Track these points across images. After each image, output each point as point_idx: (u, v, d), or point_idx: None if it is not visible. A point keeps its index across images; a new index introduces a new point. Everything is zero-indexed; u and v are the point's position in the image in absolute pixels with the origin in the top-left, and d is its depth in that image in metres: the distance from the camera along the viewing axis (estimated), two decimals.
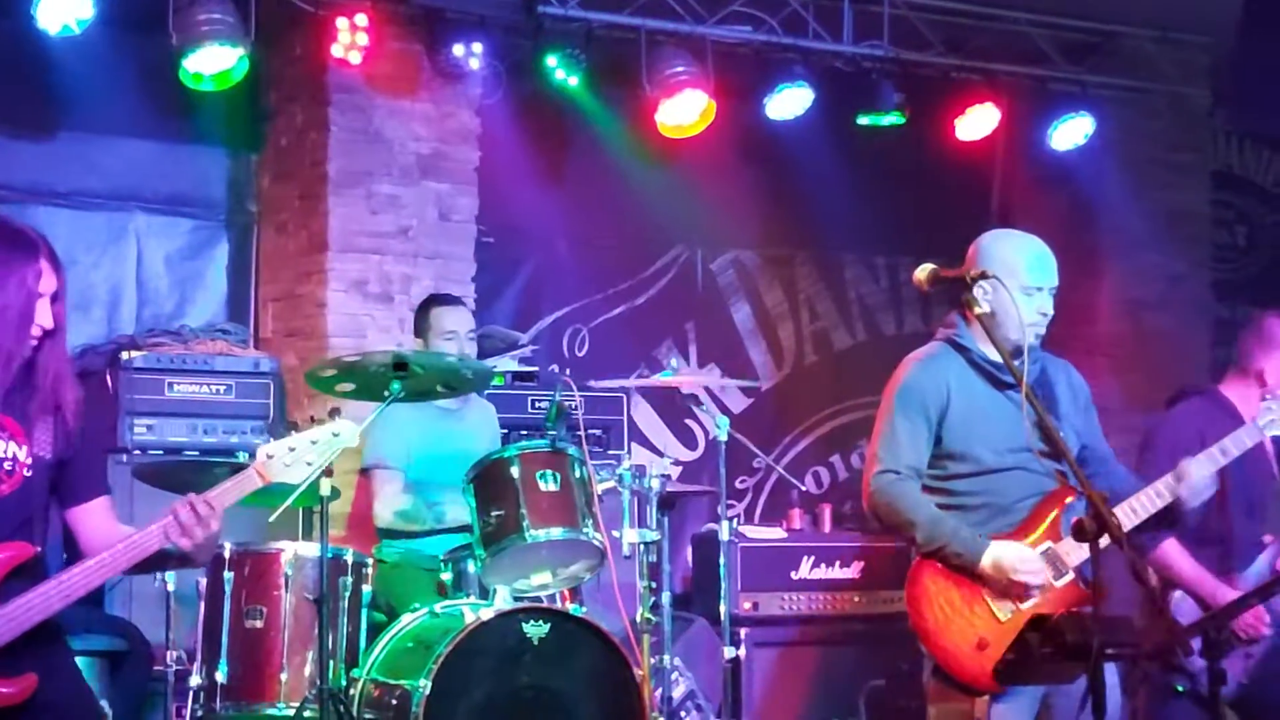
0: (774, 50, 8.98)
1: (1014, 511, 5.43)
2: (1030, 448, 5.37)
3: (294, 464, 5.33)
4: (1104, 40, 9.78)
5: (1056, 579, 5.33)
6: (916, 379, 5.53)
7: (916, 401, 5.48)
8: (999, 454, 5.45)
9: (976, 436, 5.46)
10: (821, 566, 8.25)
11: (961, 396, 5.48)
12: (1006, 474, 5.45)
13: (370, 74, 8.33)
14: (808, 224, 9.96)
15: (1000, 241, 5.60)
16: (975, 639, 5.29)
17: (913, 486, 5.45)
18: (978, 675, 5.28)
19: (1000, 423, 5.45)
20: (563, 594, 6.74)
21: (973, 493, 5.47)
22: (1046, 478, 5.43)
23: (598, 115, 8.89)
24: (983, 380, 5.51)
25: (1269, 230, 11.17)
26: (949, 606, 5.35)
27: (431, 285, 8.36)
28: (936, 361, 5.56)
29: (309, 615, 6.32)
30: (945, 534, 5.35)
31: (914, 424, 5.47)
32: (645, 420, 9.52)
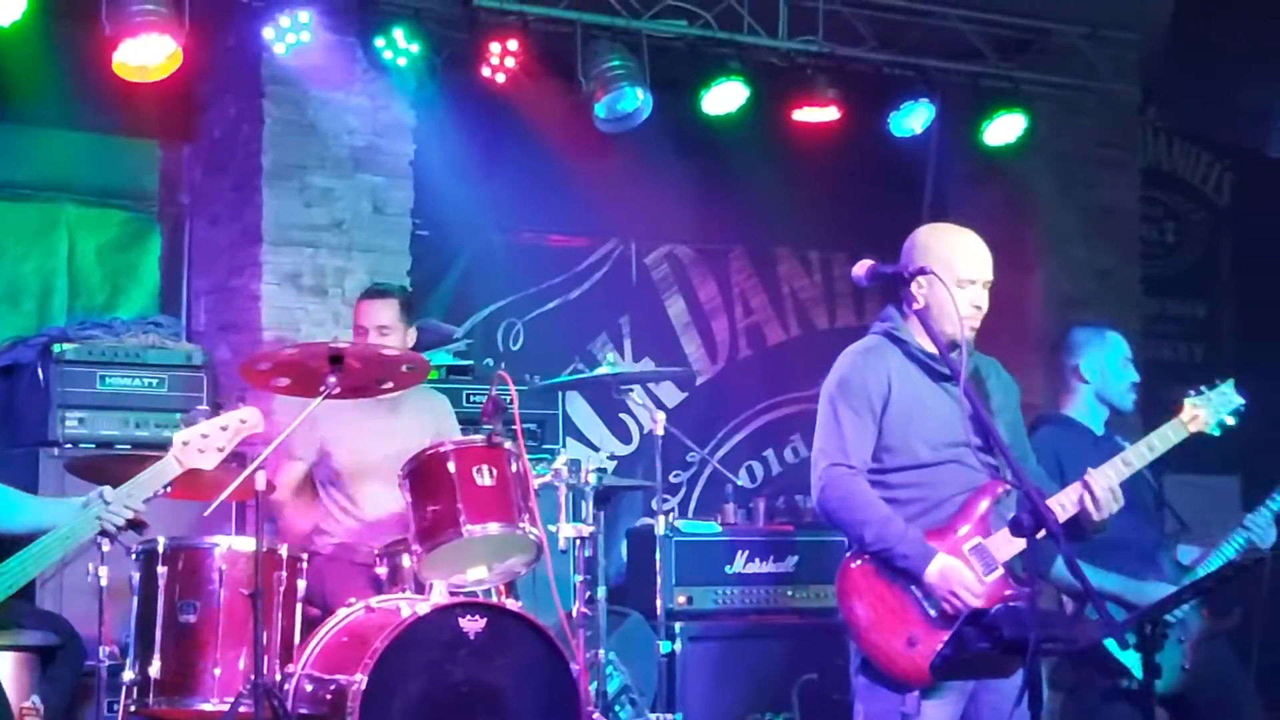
0: (709, 45, 8.98)
1: (946, 506, 5.44)
2: (967, 442, 5.38)
3: (207, 449, 5.68)
4: (1036, 37, 9.84)
5: (986, 574, 5.33)
6: (858, 371, 5.52)
7: (860, 394, 5.47)
8: (935, 448, 5.45)
9: (914, 430, 5.46)
10: (756, 561, 8.26)
11: (901, 389, 5.48)
12: (942, 468, 5.46)
13: (304, 66, 8.27)
14: (742, 218, 9.98)
15: (936, 235, 5.63)
16: (905, 635, 5.31)
17: (864, 484, 5.44)
18: (908, 671, 5.30)
19: (937, 416, 5.46)
20: (499, 588, 6.74)
21: (907, 486, 5.47)
22: (979, 472, 5.44)
23: (533, 108, 8.87)
24: (920, 373, 5.51)
25: (1197, 227, 11.27)
26: (880, 602, 5.36)
27: (366, 279, 8.33)
28: (876, 354, 5.56)
29: (243, 610, 6.27)
30: (895, 537, 5.34)
31: (859, 417, 5.46)
32: (580, 414, 9.52)
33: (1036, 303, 10.22)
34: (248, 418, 5.88)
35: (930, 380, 5.51)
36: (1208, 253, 11.31)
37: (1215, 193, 11.30)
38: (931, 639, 5.27)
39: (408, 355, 6.82)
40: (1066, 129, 10.06)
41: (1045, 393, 9.82)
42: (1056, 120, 9.94)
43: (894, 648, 5.32)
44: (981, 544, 5.37)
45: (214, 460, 5.81)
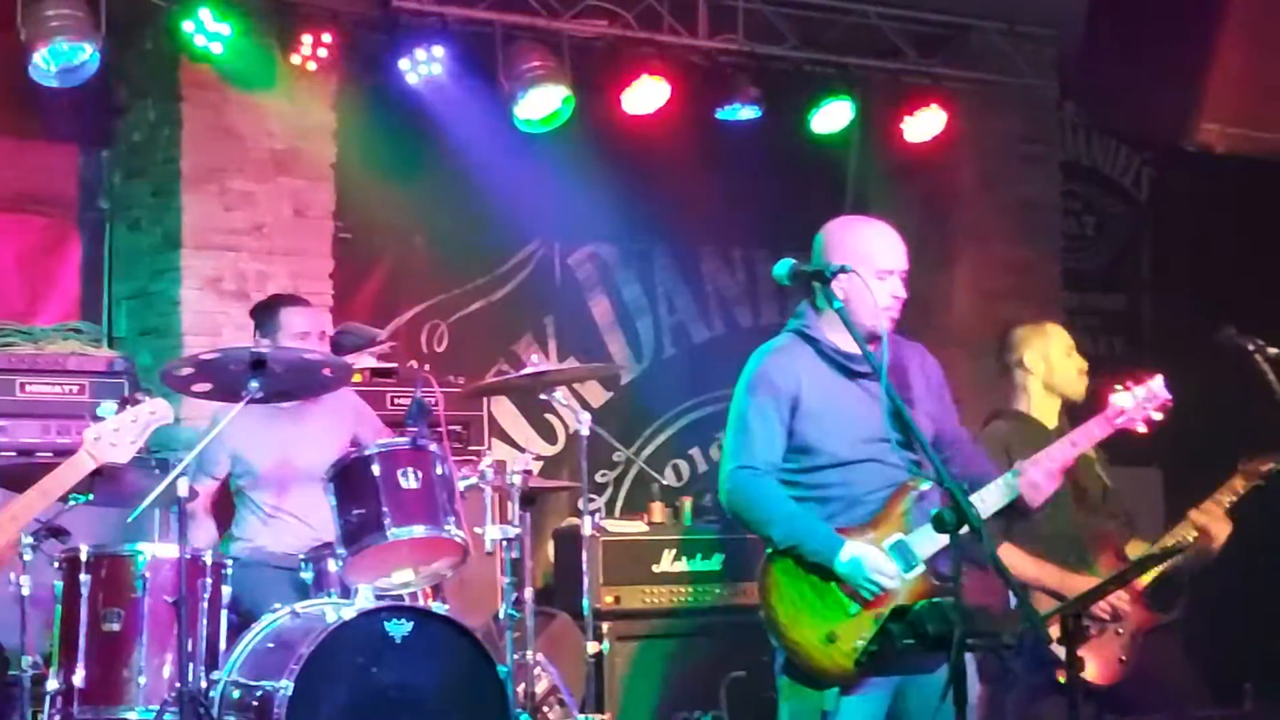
0: (630, 44, 9.00)
1: (866, 503, 5.43)
2: (886, 438, 5.39)
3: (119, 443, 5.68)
4: (955, 34, 9.90)
5: (907, 571, 5.34)
6: (768, 371, 5.50)
7: (769, 394, 5.45)
8: (852, 446, 5.43)
9: (829, 428, 5.44)
10: (683, 559, 8.29)
11: (813, 388, 5.46)
12: (860, 466, 5.44)
13: (223, 69, 8.24)
14: (665, 217, 9.99)
15: (849, 229, 5.62)
16: (825, 632, 5.31)
17: (770, 482, 5.43)
18: (828, 668, 5.30)
19: (853, 414, 5.44)
20: (425, 591, 6.73)
21: (826, 485, 5.45)
22: (899, 469, 5.44)
23: (454, 110, 8.86)
24: (834, 371, 5.49)
25: (1117, 220, 11.35)
26: (800, 599, 5.36)
27: (288, 282, 8.30)
28: (787, 353, 5.53)
29: (168, 617, 6.25)
30: (802, 532, 5.34)
31: (768, 417, 5.44)
32: (505, 415, 9.51)
33: (958, 297, 10.29)
34: (156, 409, 5.87)
35: (844, 378, 5.48)
36: (1127, 246, 11.41)
37: (1134, 186, 11.39)
38: (851, 635, 5.27)
39: (330, 359, 6.80)
40: (986, 124, 10.13)
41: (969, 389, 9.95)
42: (976, 116, 10.00)
43: (814, 645, 5.31)
44: (902, 540, 5.36)
45: (127, 453, 5.80)
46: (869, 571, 5.28)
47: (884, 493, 5.44)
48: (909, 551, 5.35)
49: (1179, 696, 6.51)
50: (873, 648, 5.10)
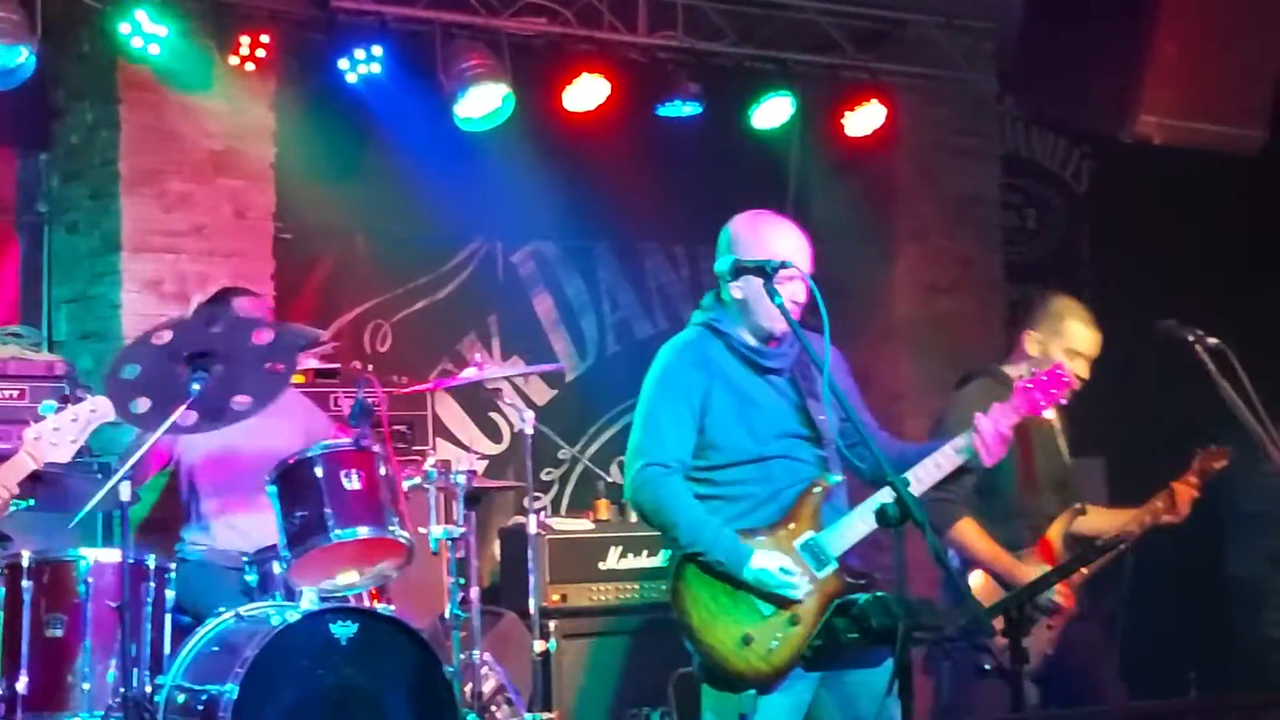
0: (570, 42, 9.00)
1: (776, 501, 5.36)
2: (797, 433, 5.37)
3: (60, 442, 5.63)
4: (893, 28, 9.92)
5: (819, 570, 5.29)
6: (678, 366, 5.40)
7: (680, 390, 5.35)
8: (763, 442, 5.36)
9: (740, 425, 5.36)
10: (629, 556, 8.27)
11: (723, 384, 5.37)
12: (770, 463, 5.37)
13: (161, 71, 8.19)
14: (607, 214, 9.97)
15: (758, 227, 5.51)
16: (740, 635, 5.24)
17: (678, 482, 5.31)
18: (744, 671, 5.24)
19: (765, 410, 5.38)
20: (370, 592, 6.72)
21: (736, 482, 5.38)
22: (810, 465, 5.40)
23: (394, 109, 8.84)
24: (744, 366, 5.42)
25: (1057, 213, 11.40)
26: (713, 603, 5.28)
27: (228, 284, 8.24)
28: (696, 348, 5.44)
29: (111, 623, 6.23)
30: (708, 540, 5.24)
31: (678, 413, 5.33)
32: (449, 415, 9.48)
33: (901, 292, 10.32)
34: (98, 407, 5.83)
35: (754, 374, 5.42)
36: (1067, 238, 11.45)
37: (1074, 179, 11.44)
38: (767, 636, 5.23)
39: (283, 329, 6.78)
40: (925, 119, 10.16)
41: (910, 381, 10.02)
42: (915, 110, 10.04)
43: (729, 648, 5.24)
44: (814, 538, 5.31)
45: (68, 452, 5.77)
46: (777, 581, 5.22)
47: (795, 489, 5.36)
48: (821, 549, 5.30)
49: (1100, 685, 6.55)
50: (817, 642, 5.10)
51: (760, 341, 5.41)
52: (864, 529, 5.32)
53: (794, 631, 5.25)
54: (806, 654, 5.16)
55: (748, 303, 5.39)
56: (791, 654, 5.25)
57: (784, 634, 5.24)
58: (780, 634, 5.24)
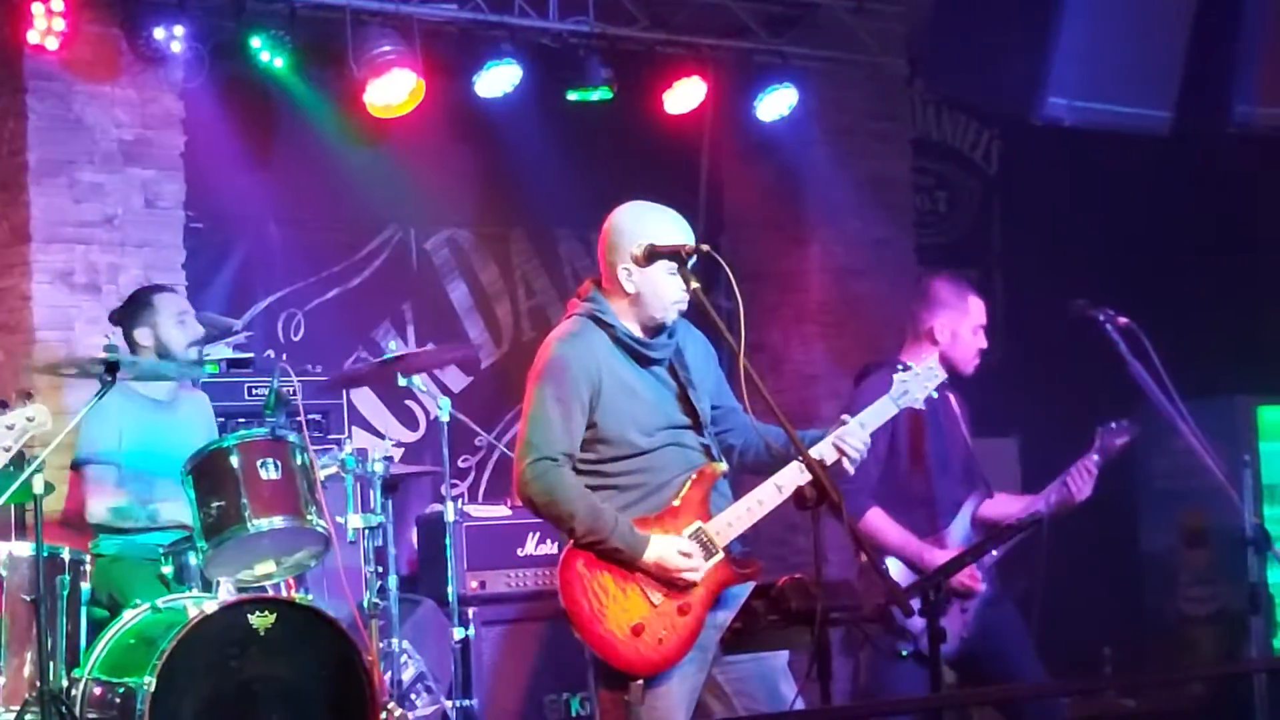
0: (481, 28, 8.97)
1: (666, 490, 5.34)
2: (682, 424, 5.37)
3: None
4: (803, 13, 9.95)
5: (707, 559, 5.27)
6: (564, 359, 5.34)
7: (567, 382, 5.30)
8: (650, 434, 5.35)
9: (629, 418, 5.34)
10: (547, 542, 8.26)
11: (611, 376, 5.34)
12: (659, 453, 5.36)
13: (68, 60, 8.11)
14: (521, 201, 9.96)
15: (643, 216, 5.50)
16: (630, 624, 5.23)
17: (568, 474, 5.29)
18: (633, 661, 5.21)
19: (649, 401, 5.37)
20: (287, 582, 6.71)
21: (626, 473, 5.36)
22: (696, 452, 5.40)
23: (305, 97, 8.80)
24: (627, 357, 5.40)
25: (968, 195, 11.48)
26: (603, 593, 5.25)
27: (140, 274, 8.21)
28: (582, 340, 5.38)
29: (26, 616, 6.21)
30: (605, 529, 5.21)
31: (566, 406, 5.28)
32: (365, 403, 9.45)
33: (814, 275, 10.36)
34: (35, 415, 5.71)
35: (637, 365, 5.41)
36: (978, 220, 11.53)
37: (984, 161, 11.52)
38: (656, 626, 5.22)
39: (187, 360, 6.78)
40: (836, 102, 10.20)
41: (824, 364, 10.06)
42: (826, 94, 10.08)
43: (618, 638, 5.22)
44: (701, 528, 5.29)
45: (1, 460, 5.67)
46: (675, 569, 5.22)
47: (682, 478, 5.35)
48: (709, 538, 5.29)
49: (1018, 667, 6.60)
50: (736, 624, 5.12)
51: (647, 333, 5.41)
52: (750, 517, 5.33)
53: (683, 621, 5.24)
54: (725, 637, 5.17)
55: (641, 295, 5.38)
56: (681, 643, 5.24)
57: (673, 623, 5.23)
58: (670, 623, 5.23)
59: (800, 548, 9.01)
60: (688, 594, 5.24)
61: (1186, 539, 10.39)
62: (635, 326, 5.41)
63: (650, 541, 5.22)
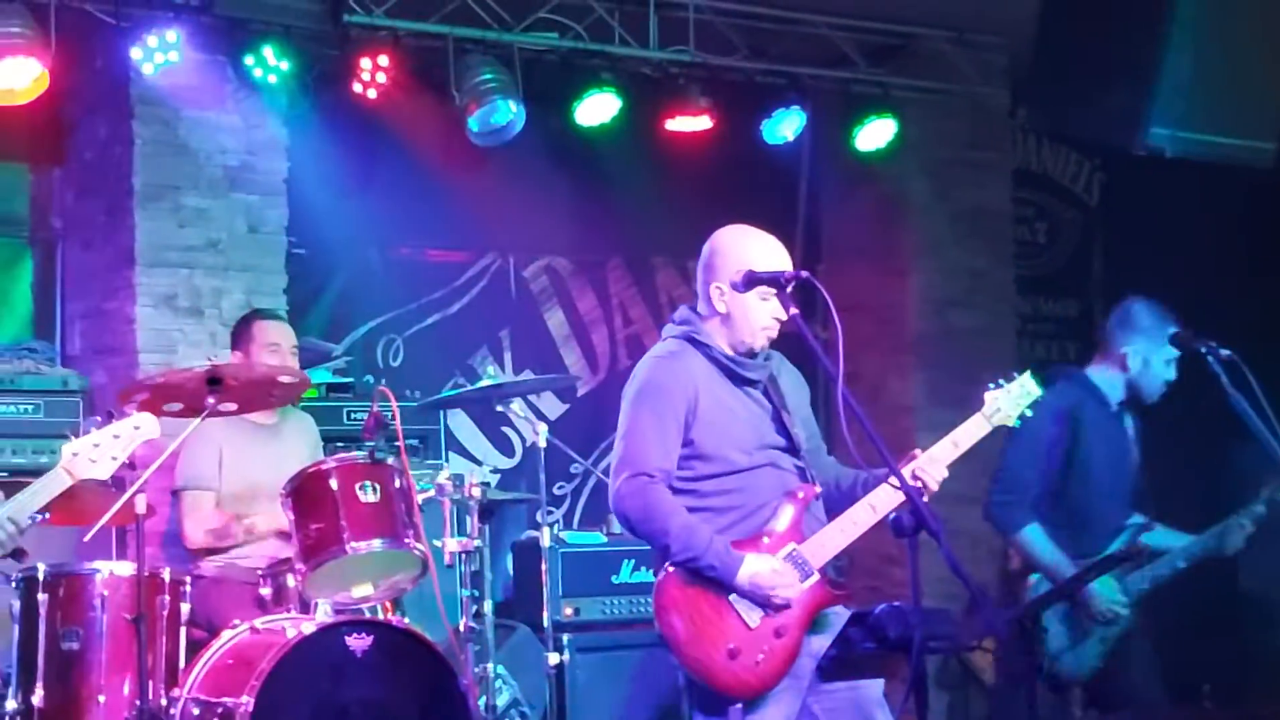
0: (581, 56, 9.02)
1: (763, 511, 5.34)
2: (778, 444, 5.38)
3: (100, 459, 5.59)
4: (904, 43, 9.94)
5: (803, 580, 5.26)
6: (661, 377, 5.36)
7: (663, 400, 5.30)
8: (748, 453, 5.35)
9: (726, 436, 5.34)
10: (642, 569, 8.24)
11: (707, 395, 5.34)
12: (756, 472, 5.35)
13: (174, 86, 8.21)
14: (619, 229, 10.00)
15: (742, 240, 5.54)
16: (725, 648, 5.20)
17: (664, 491, 5.28)
18: (730, 684, 5.20)
19: (745, 419, 5.38)
20: (384, 605, 6.72)
21: (723, 493, 5.34)
22: (791, 474, 5.39)
23: (407, 124, 8.86)
24: (723, 377, 5.40)
25: (1068, 226, 11.41)
26: (699, 616, 5.23)
27: (242, 299, 8.30)
28: (679, 359, 5.40)
29: (126, 635, 6.25)
30: (700, 546, 5.20)
31: (662, 424, 5.28)
32: (462, 429, 9.50)
33: (912, 306, 10.33)
34: (141, 424, 5.76)
35: (733, 384, 5.41)
36: (1079, 252, 11.46)
37: (1085, 192, 11.45)
38: (753, 649, 5.21)
39: (286, 368, 6.79)
40: (937, 132, 10.17)
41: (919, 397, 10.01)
42: (927, 124, 10.05)
43: (715, 661, 5.20)
44: (796, 550, 5.29)
45: (109, 469, 5.71)
46: (770, 586, 5.21)
47: (776, 500, 5.35)
48: (803, 560, 5.29)
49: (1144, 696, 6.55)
50: (832, 652, 5.10)
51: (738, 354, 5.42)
52: (845, 538, 5.33)
53: (780, 644, 5.23)
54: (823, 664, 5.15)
55: (732, 316, 5.41)
56: (778, 666, 5.23)
57: (770, 646, 5.22)
58: (766, 646, 5.22)
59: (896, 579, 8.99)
60: (784, 616, 5.23)
61: None
62: (727, 347, 5.42)
63: (744, 560, 5.21)
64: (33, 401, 7.78)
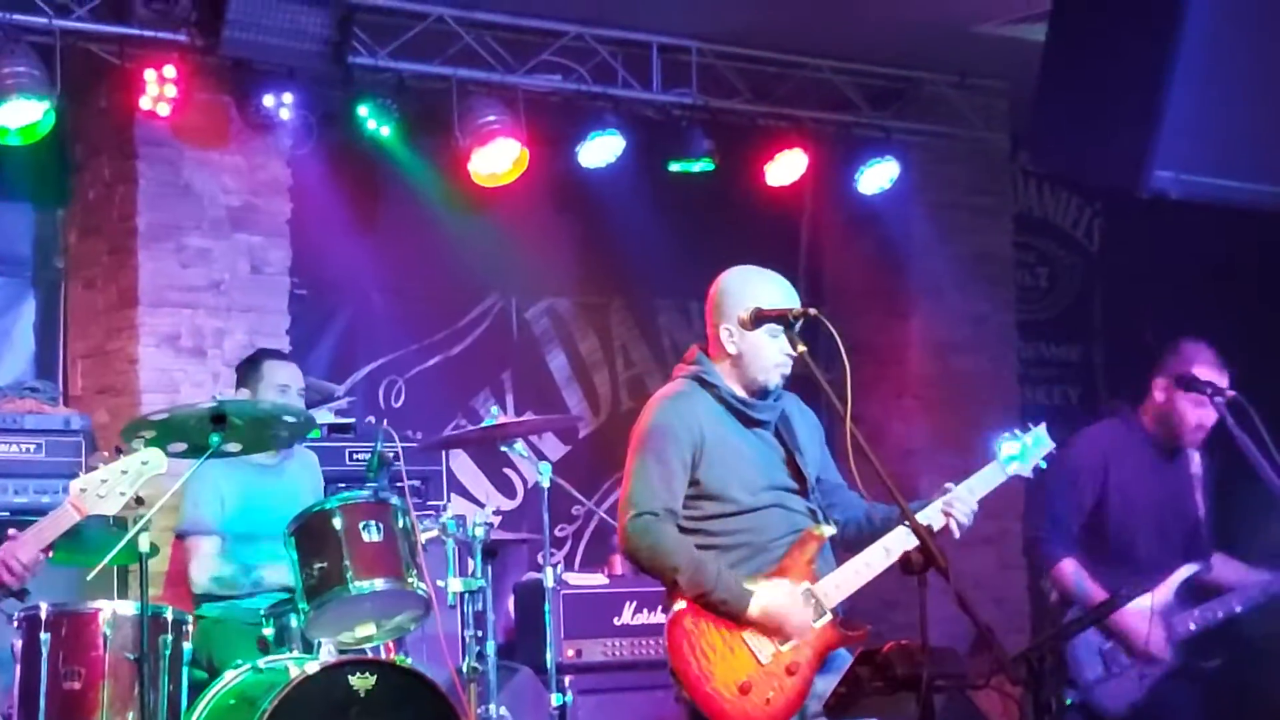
0: (584, 99, 9.06)
1: (771, 550, 5.34)
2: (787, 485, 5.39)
3: (108, 495, 5.55)
4: (907, 86, 9.98)
5: (815, 621, 5.26)
6: (667, 418, 5.38)
7: (670, 441, 5.32)
8: (755, 493, 5.36)
9: (733, 476, 5.35)
10: (644, 611, 8.23)
11: (714, 435, 5.36)
12: (764, 513, 5.36)
13: (178, 126, 8.24)
14: (621, 271, 10.01)
15: (750, 280, 5.57)
16: (737, 683, 5.19)
17: (670, 528, 5.28)
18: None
19: (754, 460, 5.39)
20: (386, 645, 6.70)
21: (730, 532, 5.35)
22: (802, 516, 5.40)
23: (410, 165, 8.89)
24: (732, 418, 5.42)
25: (1069, 271, 11.42)
26: (711, 650, 5.22)
27: (245, 339, 8.30)
28: (686, 399, 5.42)
29: (129, 675, 6.21)
30: (710, 580, 5.21)
31: (668, 465, 5.30)
32: (464, 470, 9.48)
33: (914, 349, 10.33)
34: (149, 459, 5.73)
35: (742, 425, 5.43)
36: (1080, 297, 11.47)
37: (1086, 237, 11.47)
38: (764, 685, 5.20)
39: (290, 407, 6.78)
40: (938, 177, 10.20)
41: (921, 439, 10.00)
42: (928, 168, 10.08)
43: (725, 698, 5.19)
44: (809, 589, 5.28)
45: (116, 505, 5.68)
46: (784, 614, 5.22)
47: (788, 540, 5.35)
48: (816, 601, 5.28)
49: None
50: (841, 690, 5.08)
51: (750, 395, 5.42)
52: (858, 580, 5.34)
53: (791, 682, 5.23)
54: (830, 702, 5.13)
55: (743, 356, 5.43)
56: (788, 704, 5.23)
57: (781, 684, 5.22)
58: (777, 684, 5.22)
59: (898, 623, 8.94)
60: (796, 654, 5.23)
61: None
62: (738, 388, 5.43)
63: (756, 591, 5.22)
64: (35, 441, 7.76)
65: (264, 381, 7.18)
